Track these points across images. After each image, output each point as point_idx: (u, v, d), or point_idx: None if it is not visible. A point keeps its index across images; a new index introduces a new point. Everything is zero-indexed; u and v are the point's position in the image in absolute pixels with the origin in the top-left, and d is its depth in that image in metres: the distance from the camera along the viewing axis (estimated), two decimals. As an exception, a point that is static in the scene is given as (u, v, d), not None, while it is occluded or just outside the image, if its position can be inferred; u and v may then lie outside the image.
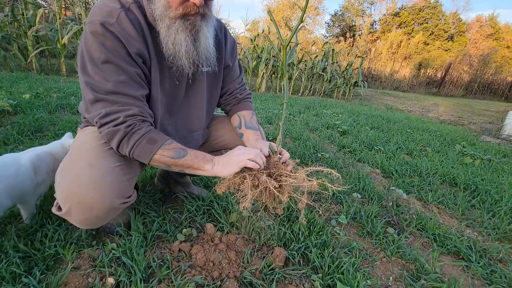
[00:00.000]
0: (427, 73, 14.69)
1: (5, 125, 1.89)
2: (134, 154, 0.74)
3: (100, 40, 0.69)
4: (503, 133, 4.06)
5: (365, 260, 1.06)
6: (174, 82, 0.87)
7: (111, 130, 0.71)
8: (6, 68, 4.35)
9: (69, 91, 3.19)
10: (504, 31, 23.62)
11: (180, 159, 0.75)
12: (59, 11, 4.49)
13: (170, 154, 0.75)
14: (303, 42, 13.01)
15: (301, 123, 3.25)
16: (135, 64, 0.75)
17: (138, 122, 0.73)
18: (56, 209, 0.77)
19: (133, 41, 0.73)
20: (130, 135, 0.72)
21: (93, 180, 0.72)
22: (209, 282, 0.84)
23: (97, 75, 0.71)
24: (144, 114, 0.76)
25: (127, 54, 0.72)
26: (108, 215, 0.79)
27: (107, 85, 0.70)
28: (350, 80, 7.08)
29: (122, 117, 0.71)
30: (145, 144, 0.73)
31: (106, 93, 0.71)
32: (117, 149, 0.75)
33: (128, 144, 0.73)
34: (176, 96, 0.91)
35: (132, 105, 0.73)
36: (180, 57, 0.79)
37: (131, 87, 0.74)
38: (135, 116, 0.73)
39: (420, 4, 23.26)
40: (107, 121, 0.71)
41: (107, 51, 0.70)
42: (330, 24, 27.40)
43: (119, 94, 0.72)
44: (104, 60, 0.70)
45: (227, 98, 1.08)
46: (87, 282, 0.81)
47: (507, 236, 1.33)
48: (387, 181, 1.87)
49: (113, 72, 0.71)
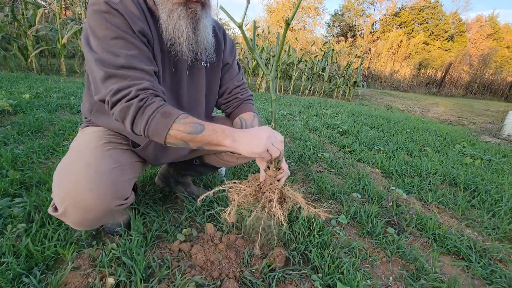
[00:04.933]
0: (427, 73, 14.70)
1: (5, 125, 1.89)
2: (149, 131, 0.69)
3: (106, 17, 0.69)
4: (503, 133, 4.06)
5: (365, 260, 1.06)
6: (173, 72, 0.87)
7: (124, 106, 0.67)
8: (6, 68, 4.35)
9: (69, 91, 3.19)
10: (504, 31, 23.61)
11: (198, 134, 0.70)
12: (59, 11, 4.49)
13: (186, 129, 0.69)
14: (303, 42, 13.01)
15: (301, 123, 3.25)
16: (142, 42, 0.74)
17: (151, 96, 0.69)
18: (52, 210, 0.75)
19: (137, 20, 0.73)
20: (143, 109, 0.68)
21: (91, 181, 0.70)
22: (209, 282, 0.84)
23: (106, 51, 0.68)
24: (156, 89, 0.72)
25: (133, 31, 0.72)
26: (104, 216, 0.77)
27: (117, 59, 0.68)
28: (350, 80, 7.08)
29: (134, 91, 0.67)
30: (160, 118, 0.68)
31: (117, 68, 0.68)
32: (132, 128, 0.71)
33: (142, 119, 0.68)
34: (177, 87, 0.90)
35: (143, 79, 0.70)
36: (180, 43, 0.79)
37: (142, 62, 0.71)
38: (147, 90, 0.69)
39: (420, 4, 23.26)
40: (119, 97, 0.67)
41: (114, 27, 0.69)
42: (330, 24, 27.41)
43: (130, 69, 0.69)
44: (113, 36, 0.69)
45: (228, 98, 1.06)
46: (87, 282, 0.81)
47: (507, 236, 1.33)
48: (387, 181, 1.87)
49: (123, 47, 0.69)
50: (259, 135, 0.72)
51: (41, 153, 1.52)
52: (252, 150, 0.71)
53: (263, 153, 0.71)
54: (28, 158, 1.44)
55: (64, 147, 1.66)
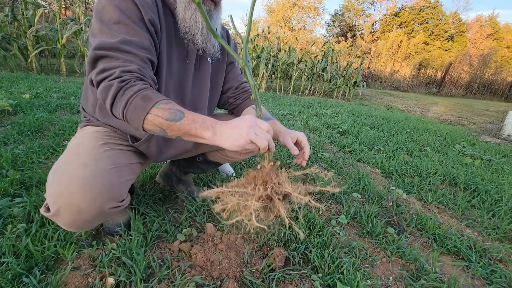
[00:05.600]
0: (427, 73, 14.70)
1: (5, 125, 1.89)
2: (128, 114, 0.65)
3: (115, 3, 0.70)
4: (503, 133, 4.06)
5: (365, 260, 1.06)
6: (181, 63, 0.89)
7: (105, 85, 0.65)
8: (6, 68, 4.35)
9: (69, 91, 3.19)
10: (504, 31, 23.61)
11: (176, 122, 0.64)
12: (59, 11, 4.49)
13: (165, 115, 0.64)
14: (303, 42, 13.01)
15: (301, 123, 3.25)
16: (147, 31, 0.74)
17: (134, 79, 0.66)
18: (44, 210, 0.72)
19: (148, 9, 0.74)
20: (123, 91, 0.64)
21: (85, 181, 0.68)
22: (209, 282, 0.84)
23: (105, 33, 0.68)
24: (144, 74, 0.69)
25: (141, 19, 0.72)
26: (97, 218, 0.75)
27: (112, 41, 0.67)
28: (350, 80, 7.09)
29: (118, 72, 0.65)
30: (139, 101, 0.64)
31: (108, 49, 0.67)
32: (112, 110, 0.68)
33: (121, 101, 0.64)
34: (184, 80, 0.91)
35: (132, 62, 0.68)
36: (195, 32, 0.82)
37: (137, 47, 0.70)
38: (132, 73, 0.66)
39: (420, 4, 23.26)
40: (103, 77, 0.66)
41: (121, 13, 0.69)
42: (330, 24, 27.42)
43: (121, 51, 0.67)
44: (116, 21, 0.69)
45: (236, 92, 1.08)
46: (87, 282, 0.81)
47: (507, 236, 1.33)
48: (387, 181, 1.87)
49: (124, 31, 0.69)
50: (239, 125, 0.64)
51: (41, 153, 1.52)
52: (234, 143, 0.63)
53: (247, 145, 0.63)
54: (28, 158, 1.44)
55: (64, 147, 1.66)
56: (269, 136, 0.65)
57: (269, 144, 0.65)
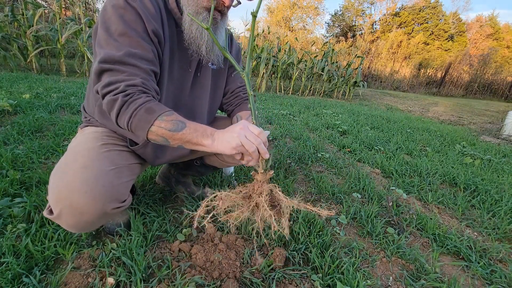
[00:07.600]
0: (427, 73, 14.70)
1: (5, 125, 1.89)
2: (132, 126, 0.70)
3: (120, 13, 0.71)
4: (503, 133, 4.06)
5: (365, 260, 1.06)
6: (182, 71, 0.90)
7: (110, 99, 0.68)
8: (6, 68, 4.35)
9: (69, 91, 3.19)
10: (504, 31, 23.62)
11: (178, 132, 0.69)
12: (59, 11, 4.49)
13: (167, 126, 0.69)
14: (303, 42, 13.01)
15: (301, 123, 3.25)
16: (151, 42, 0.76)
17: (138, 92, 0.70)
18: (47, 212, 0.73)
19: (152, 19, 0.75)
20: (128, 104, 0.68)
21: (86, 183, 0.69)
22: (209, 282, 0.84)
23: (110, 45, 0.70)
24: (147, 87, 0.72)
25: (144, 31, 0.74)
26: (100, 219, 0.76)
27: (118, 54, 0.69)
28: (350, 80, 7.09)
29: (123, 86, 0.68)
30: (143, 114, 0.68)
31: (113, 63, 0.69)
32: (117, 121, 0.72)
33: (126, 114, 0.69)
34: (183, 86, 0.92)
35: (137, 76, 0.71)
36: (200, 44, 0.83)
37: (141, 60, 0.72)
38: (136, 87, 0.70)
39: (420, 4, 23.27)
40: (108, 90, 0.69)
41: (125, 24, 0.71)
42: (330, 24, 27.42)
43: (126, 64, 0.70)
44: (121, 33, 0.71)
45: (230, 97, 1.09)
46: (87, 282, 0.81)
47: (507, 236, 1.33)
48: (387, 181, 1.87)
49: (128, 44, 0.71)
50: (232, 129, 0.69)
51: (41, 153, 1.52)
52: (227, 145, 0.68)
53: (238, 147, 0.67)
54: (28, 158, 1.44)
55: (64, 147, 1.66)
56: (260, 141, 0.68)
57: (259, 149, 0.68)
